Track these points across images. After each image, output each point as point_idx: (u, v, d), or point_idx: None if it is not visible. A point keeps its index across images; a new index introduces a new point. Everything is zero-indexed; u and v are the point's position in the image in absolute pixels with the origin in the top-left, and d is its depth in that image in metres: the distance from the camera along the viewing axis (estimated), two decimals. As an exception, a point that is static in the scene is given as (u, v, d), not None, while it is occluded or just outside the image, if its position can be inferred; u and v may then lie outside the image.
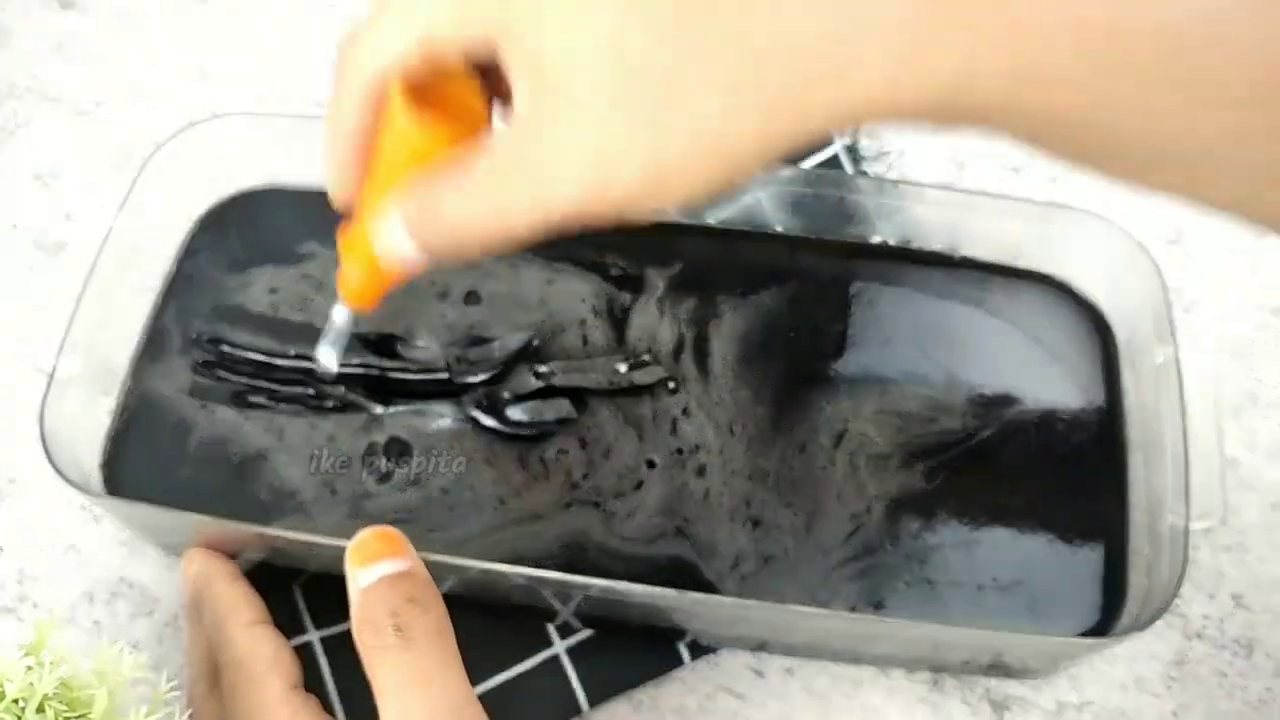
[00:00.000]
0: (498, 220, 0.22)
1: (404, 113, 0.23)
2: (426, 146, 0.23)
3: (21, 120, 0.46)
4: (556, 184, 0.21)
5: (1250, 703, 0.35)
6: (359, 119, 0.24)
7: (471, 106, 0.24)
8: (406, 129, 0.23)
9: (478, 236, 0.23)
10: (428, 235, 0.23)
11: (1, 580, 0.37)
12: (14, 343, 0.41)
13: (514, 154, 0.22)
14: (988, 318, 0.38)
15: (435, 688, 0.25)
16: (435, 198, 0.23)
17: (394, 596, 0.25)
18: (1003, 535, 0.34)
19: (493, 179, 0.22)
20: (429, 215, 0.23)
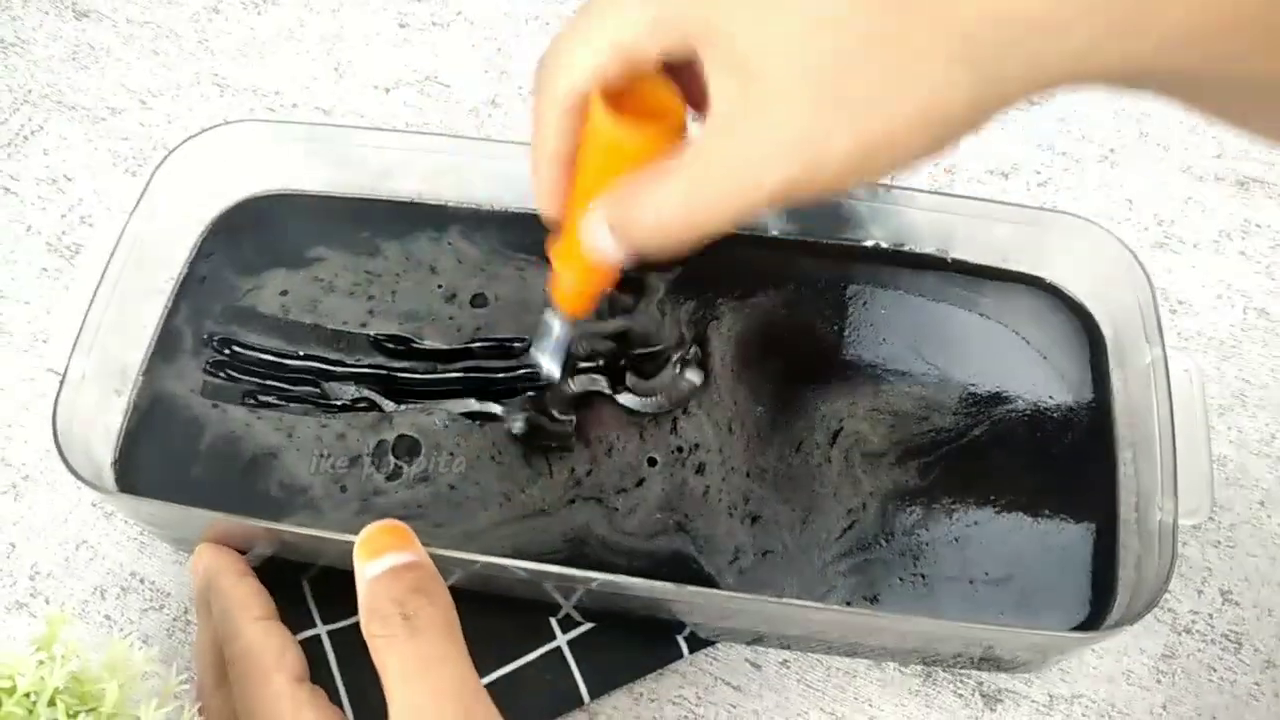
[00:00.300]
0: (704, 208, 0.23)
1: (607, 120, 0.23)
2: (633, 150, 0.24)
3: (36, 126, 0.47)
4: (764, 170, 0.21)
5: (1239, 697, 0.36)
6: (562, 138, 0.25)
7: (669, 107, 0.24)
8: (611, 135, 0.24)
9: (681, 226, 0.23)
10: (630, 228, 0.24)
11: (14, 576, 0.38)
12: (28, 343, 0.42)
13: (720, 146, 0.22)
14: (979, 319, 0.38)
15: (442, 676, 0.25)
16: (638, 196, 0.23)
17: (400, 587, 0.26)
18: (994, 531, 0.35)
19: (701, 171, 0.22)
20: (632, 213, 0.24)
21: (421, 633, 0.25)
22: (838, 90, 0.20)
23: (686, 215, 0.23)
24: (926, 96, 0.20)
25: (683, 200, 0.23)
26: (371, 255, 0.39)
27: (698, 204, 0.23)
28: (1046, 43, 0.19)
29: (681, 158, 0.23)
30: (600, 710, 0.35)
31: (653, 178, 0.23)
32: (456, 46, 0.49)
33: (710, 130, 0.22)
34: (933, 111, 0.20)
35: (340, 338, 0.37)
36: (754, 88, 0.21)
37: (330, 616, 0.36)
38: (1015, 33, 0.19)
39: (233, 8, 0.50)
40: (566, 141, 0.25)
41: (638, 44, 0.22)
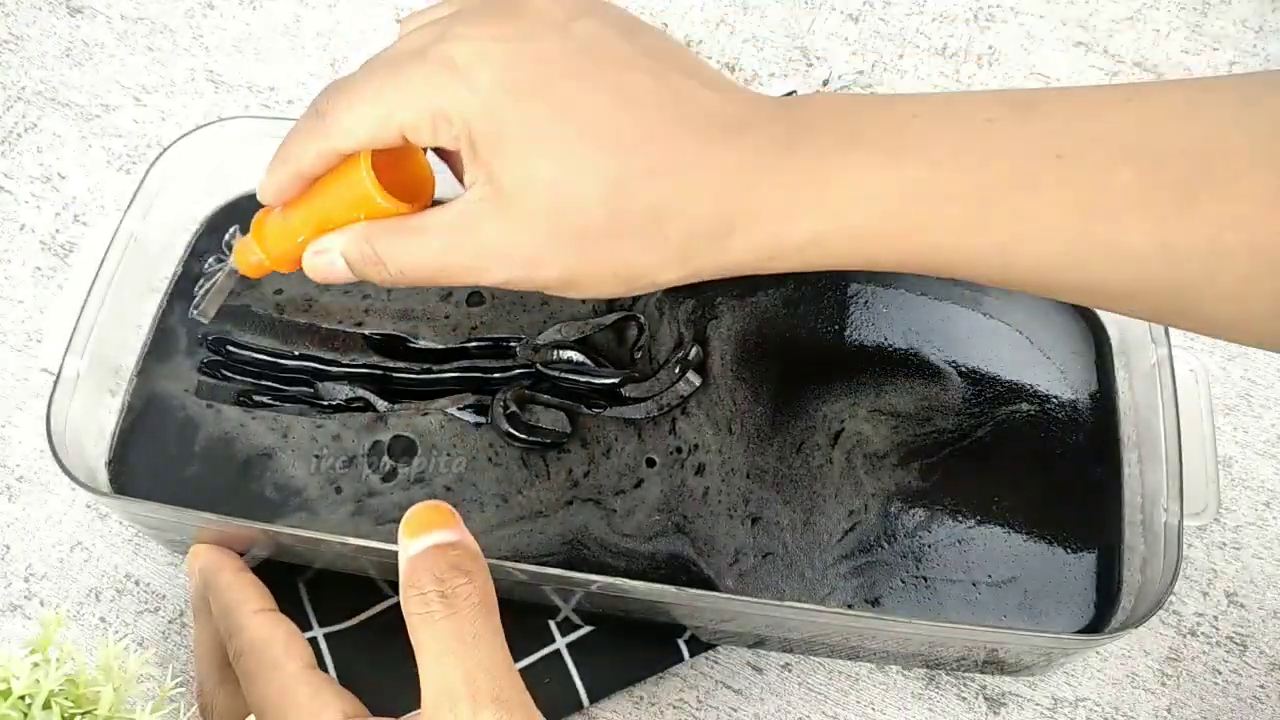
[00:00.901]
0: (436, 272, 0.27)
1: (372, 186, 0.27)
2: (384, 210, 0.27)
3: (30, 123, 0.46)
4: (489, 265, 0.27)
5: (1244, 699, 0.36)
6: (316, 170, 0.28)
7: (419, 172, 0.29)
8: (370, 196, 0.27)
9: (412, 277, 0.28)
10: (367, 268, 0.28)
11: (8, 578, 0.37)
12: (22, 342, 0.42)
13: (460, 232, 0.27)
14: (983, 318, 0.38)
15: (476, 655, 0.25)
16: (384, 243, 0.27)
17: (441, 563, 0.26)
18: (998, 533, 0.34)
19: (439, 245, 0.27)
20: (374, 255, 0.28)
21: (458, 611, 0.25)
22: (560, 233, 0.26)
23: (424, 274, 0.27)
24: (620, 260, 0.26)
25: (421, 262, 0.27)
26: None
27: (436, 269, 0.27)
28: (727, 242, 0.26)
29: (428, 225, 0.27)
30: (600, 714, 0.35)
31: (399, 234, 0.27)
32: (454, 42, 0.49)
33: (458, 213, 0.26)
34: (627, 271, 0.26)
35: (335, 336, 0.37)
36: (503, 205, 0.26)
37: (327, 619, 0.36)
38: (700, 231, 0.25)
39: (228, 3, 0.49)
40: (320, 172, 0.28)
41: (417, 134, 0.26)
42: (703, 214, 0.25)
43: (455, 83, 0.25)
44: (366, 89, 0.26)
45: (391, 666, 0.30)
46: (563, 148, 0.25)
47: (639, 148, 0.25)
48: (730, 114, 0.25)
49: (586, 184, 0.25)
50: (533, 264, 0.26)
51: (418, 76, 0.25)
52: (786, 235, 0.25)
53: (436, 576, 0.25)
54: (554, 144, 0.25)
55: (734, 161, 0.25)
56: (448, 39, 0.26)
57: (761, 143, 0.25)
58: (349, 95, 0.26)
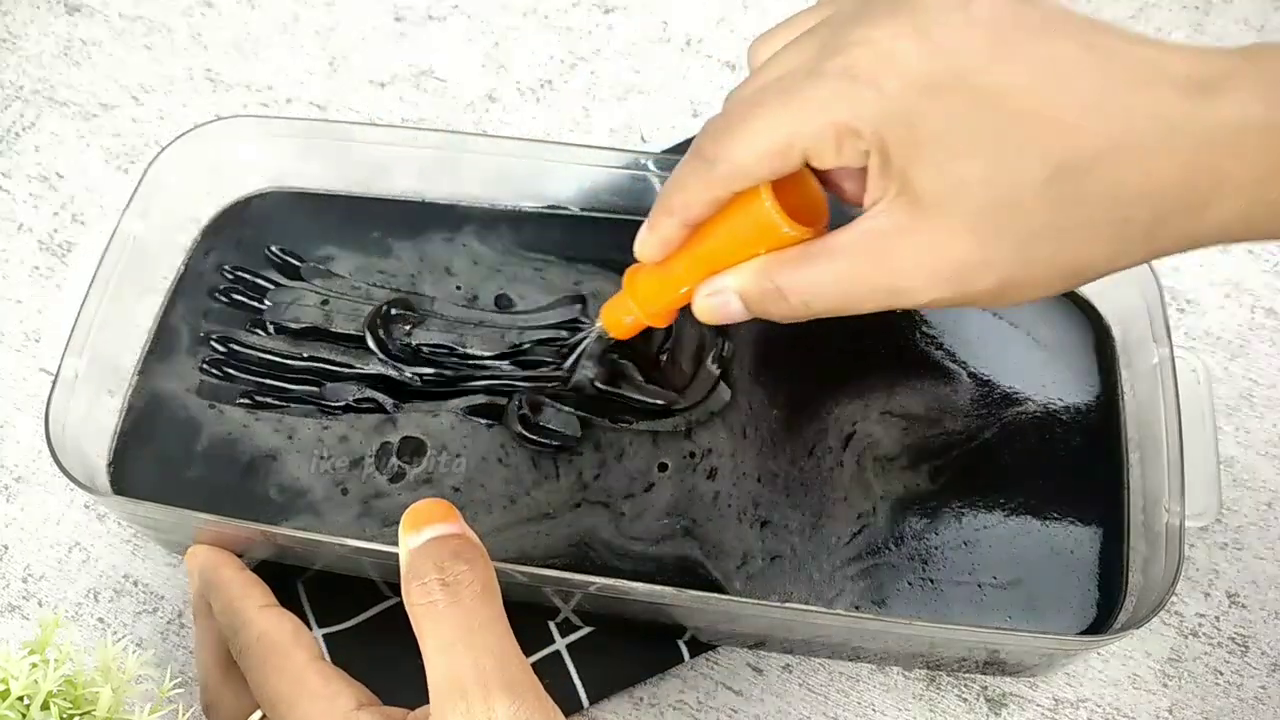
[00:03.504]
0: (845, 297, 0.26)
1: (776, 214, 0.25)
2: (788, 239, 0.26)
3: (28, 123, 0.46)
4: (911, 283, 0.24)
5: (1245, 700, 0.36)
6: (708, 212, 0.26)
7: (816, 195, 0.27)
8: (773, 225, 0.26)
9: (819, 307, 0.26)
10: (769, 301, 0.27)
11: (7, 578, 0.37)
12: (20, 342, 0.42)
13: (874, 250, 0.25)
14: (990, 319, 0.38)
15: (482, 643, 0.25)
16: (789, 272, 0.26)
17: (441, 552, 0.26)
18: (1002, 534, 0.34)
19: (850, 268, 0.25)
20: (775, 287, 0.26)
21: (461, 600, 0.25)
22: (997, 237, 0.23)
23: (835, 302, 0.26)
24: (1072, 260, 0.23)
25: (832, 285, 0.25)
26: (383, 256, 0.39)
27: (848, 296, 0.25)
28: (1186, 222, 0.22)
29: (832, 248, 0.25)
30: (600, 715, 0.35)
31: (805, 261, 0.26)
32: (453, 41, 0.49)
33: (868, 231, 0.25)
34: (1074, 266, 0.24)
35: (350, 340, 0.37)
36: (922, 216, 0.24)
37: (326, 620, 0.36)
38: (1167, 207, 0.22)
39: (226, 2, 0.49)
40: (710, 214, 0.26)
41: (821, 155, 0.24)
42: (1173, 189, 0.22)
43: (862, 92, 0.23)
44: (759, 121, 0.25)
45: (391, 666, 0.30)
46: (993, 140, 0.22)
47: (1084, 125, 0.22)
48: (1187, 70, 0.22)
49: (1025, 176, 0.22)
50: (963, 276, 0.24)
51: (818, 94, 0.24)
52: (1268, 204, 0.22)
53: (437, 566, 0.25)
54: (982, 137, 0.22)
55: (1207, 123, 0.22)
56: (840, 50, 0.24)
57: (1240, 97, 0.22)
58: (740, 132, 0.25)
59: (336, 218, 0.39)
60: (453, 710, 0.24)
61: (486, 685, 0.24)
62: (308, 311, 0.37)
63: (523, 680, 0.24)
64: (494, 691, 0.24)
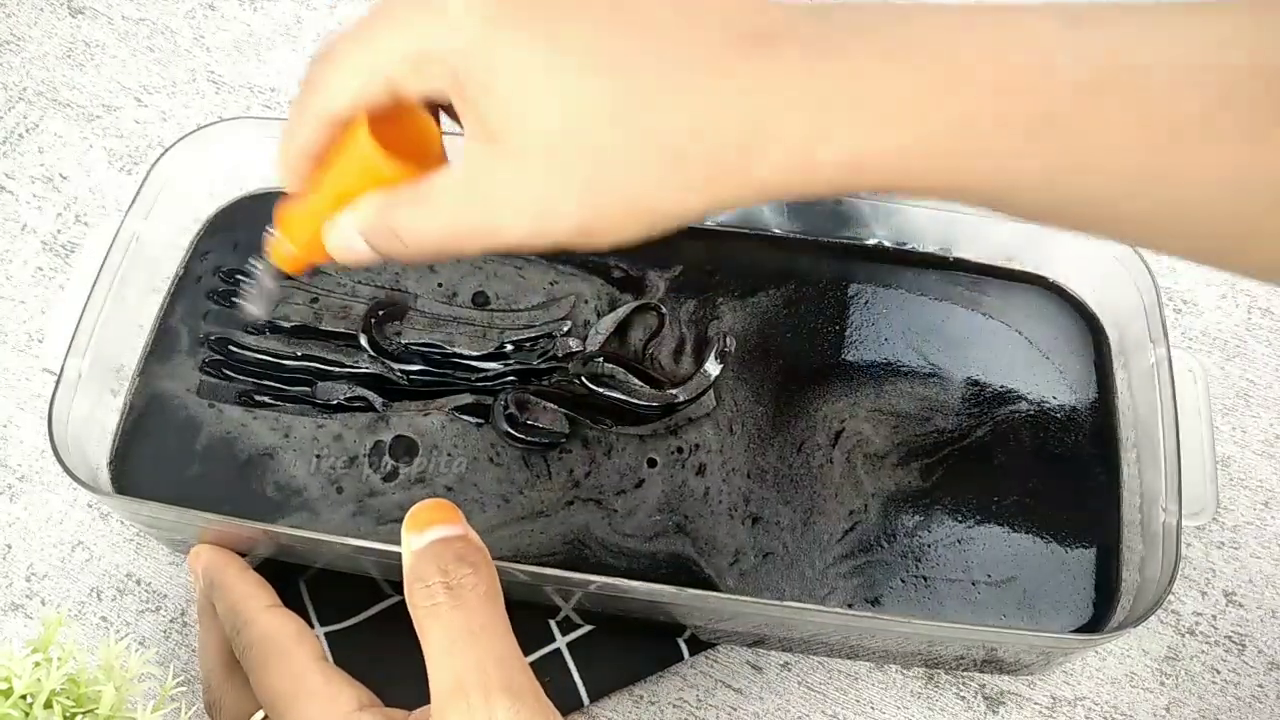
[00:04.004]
0: (448, 240, 0.25)
1: (371, 148, 0.25)
2: (388, 175, 0.26)
3: (31, 124, 0.46)
4: (502, 223, 0.24)
5: (1242, 699, 0.36)
6: (318, 141, 0.26)
7: (425, 133, 0.27)
8: (372, 160, 0.26)
9: (426, 248, 0.26)
10: (382, 241, 0.26)
11: (10, 577, 0.37)
12: (24, 343, 0.42)
13: (466, 191, 0.25)
14: (982, 318, 0.38)
15: (484, 645, 0.25)
16: (393, 213, 0.26)
17: (445, 555, 0.26)
18: (997, 532, 0.34)
19: (447, 208, 0.25)
20: (385, 226, 0.26)
21: (464, 603, 0.25)
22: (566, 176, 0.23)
23: (439, 241, 0.26)
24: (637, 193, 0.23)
25: (431, 229, 0.25)
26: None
27: (444, 235, 0.25)
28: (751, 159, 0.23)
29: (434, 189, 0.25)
30: (600, 713, 0.35)
31: (407, 201, 0.26)
32: (455, 43, 0.49)
33: (460, 172, 0.25)
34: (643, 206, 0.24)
35: (341, 338, 0.37)
36: (500, 149, 0.24)
37: (328, 618, 0.36)
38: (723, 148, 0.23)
39: (229, 4, 0.50)
40: (321, 144, 0.26)
41: (403, 81, 0.24)
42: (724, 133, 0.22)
43: (435, 22, 0.23)
44: (348, 46, 0.25)
45: (393, 665, 0.30)
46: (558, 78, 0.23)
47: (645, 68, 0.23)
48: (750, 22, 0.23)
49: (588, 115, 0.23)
50: (545, 214, 0.24)
51: (396, 23, 0.24)
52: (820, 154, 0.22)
53: (441, 569, 0.26)
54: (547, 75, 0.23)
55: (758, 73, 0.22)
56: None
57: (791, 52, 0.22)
58: (332, 56, 0.25)
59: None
60: (454, 711, 0.24)
61: (488, 687, 0.24)
62: (297, 309, 0.37)
63: (523, 683, 0.25)
64: (495, 694, 0.24)
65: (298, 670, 0.28)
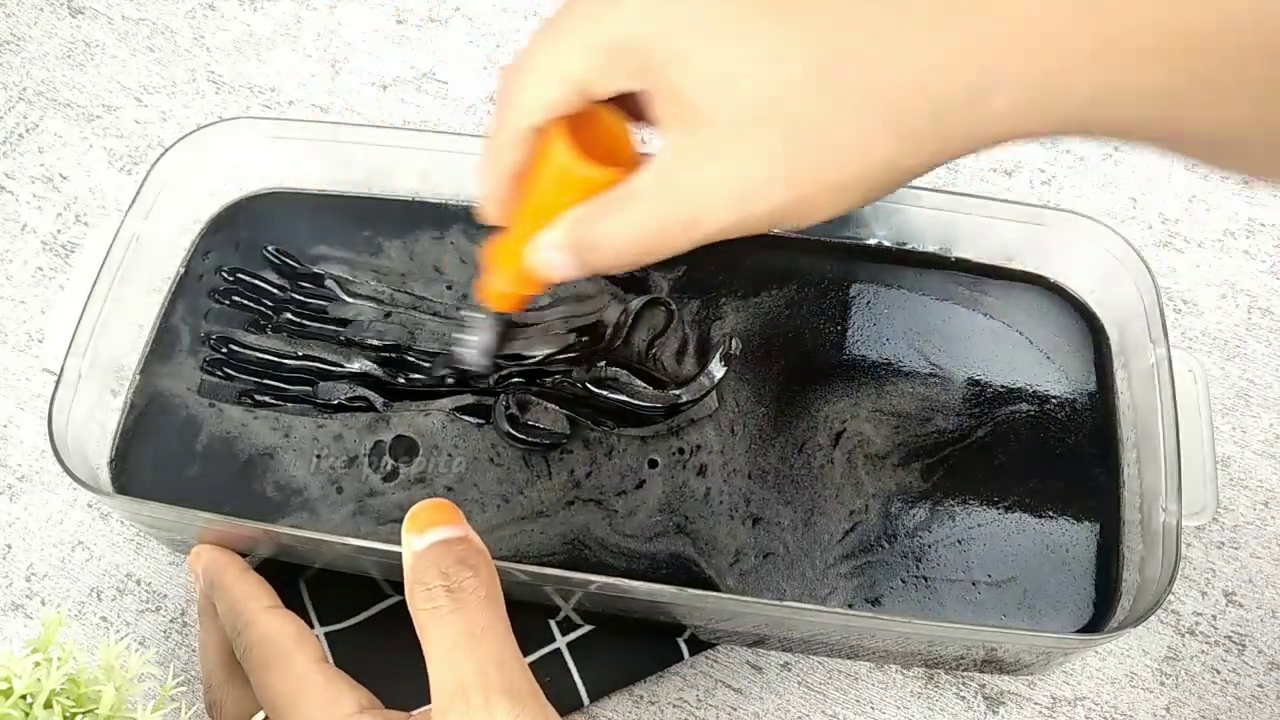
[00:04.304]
0: (654, 240, 0.25)
1: (569, 157, 0.25)
2: (587, 182, 0.25)
3: (31, 124, 0.46)
4: (708, 211, 0.24)
5: (1242, 699, 0.36)
6: (515, 157, 0.26)
7: (619, 137, 0.26)
8: (569, 167, 0.25)
9: (633, 253, 0.25)
10: (588, 254, 0.26)
11: (10, 577, 0.37)
12: (24, 343, 0.42)
13: (668, 185, 0.24)
14: (982, 318, 0.38)
15: (485, 649, 0.25)
16: (595, 223, 0.25)
17: (446, 558, 0.26)
18: (997, 532, 0.34)
19: (650, 207, 0.24)
20: (588, 238, 0.26)
21: (465, 605, 0.25)
22: (774, 148, 0.22)
23: (638, 246, 0.25)
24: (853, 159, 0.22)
25: (633, 232, 0.25)
26: (374, 254, 0.39)
27: (648, 236, 0.25)
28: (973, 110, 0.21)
29: (633, 191, 0.25)
30: (600, 713, 0.35)
31: (605, 208, 0.25)
32: (454, 43, 0.49)
33: (660, 168, 0.24)
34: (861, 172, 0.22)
35: (343, 338, 0.37)
36: (697, 135, 0.23)
37: (328, 618, 0.36)
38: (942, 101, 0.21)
39: (229, 4, 0.50)
40: (521, 161, 0.26)
41: (593, 81, 0.24)
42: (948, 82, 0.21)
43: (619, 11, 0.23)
44: (532, 55, 0.25)
45: (393, 665, 0.30)
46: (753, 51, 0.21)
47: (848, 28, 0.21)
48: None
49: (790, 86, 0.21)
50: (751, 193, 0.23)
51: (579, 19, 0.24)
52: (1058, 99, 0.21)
53: (442, 571, 0.26)
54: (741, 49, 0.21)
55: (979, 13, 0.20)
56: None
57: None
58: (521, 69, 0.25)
59: (331, 218, 0.40)
60: (454, 714, 0.24)
61: (488, 690, 0.24)
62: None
63: (524, 686, 0.25)
64: (495, 696, 0.24)
65: (298, 672, 0.28)
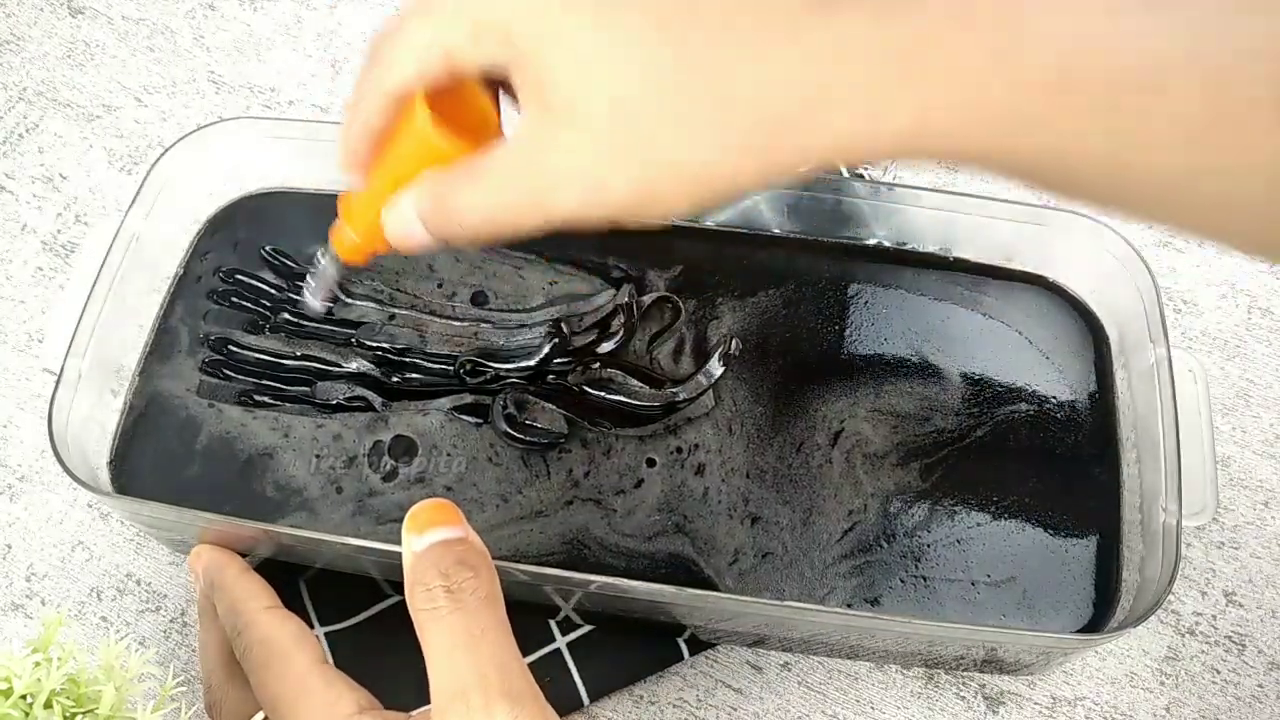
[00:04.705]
0: (503, 216, 0.25)
1: (427, 123, 0.25)
2: (444, 151, 0.26)
3: (31, 124, 0.46)
4: (555, 195, 0.24)
5: (1242, 699, 0.36)
6: (379, 118, 0.26)
7: (483, 111, 0.27)
8: (428, 136, 0.25)
9: (483, 227, 0.25)
10: (438, 222, 0.26)
11: (10, 577, 0.37)
12: (24, 343, 0.42)
13: (519, 164, 0.24)
14: (982, 318, 0.38)
15: (485, 650, 0.25)
16: (448, 192, 0.25)
17: (446, 558, 0.26)
18: (997, 532, 0.34)
19: (500, 183, 0.25)
20: (441, 206, 0.26)
21: (465, 606, 0.25)
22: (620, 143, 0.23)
23: (488, 219, 0.25)
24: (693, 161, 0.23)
25: (485, 205, 0.25)
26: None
27: (499, 211, 0.25)
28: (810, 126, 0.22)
29: (486, 164, 0.25)
30: (600, 713, 0.35)
31: (459, 178, 0.25)
32: (455, 43, 0.49)
33: (514, 146, 0.24)
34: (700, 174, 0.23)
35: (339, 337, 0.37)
36: (552, 119, 0.23)
37: (328, 618, 0.36)
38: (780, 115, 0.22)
39: (229, 4, 0.50)
40: (383, 123, 0.26)
41: (461, 52, 0.24)
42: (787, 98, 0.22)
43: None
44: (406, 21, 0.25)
45: (393, 665, 0.30)
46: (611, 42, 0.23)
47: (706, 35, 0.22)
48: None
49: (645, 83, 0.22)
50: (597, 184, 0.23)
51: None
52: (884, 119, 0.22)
53: (442, 572, 0.26)
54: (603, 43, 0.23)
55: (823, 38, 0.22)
56: None
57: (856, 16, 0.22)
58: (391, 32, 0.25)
59: (330, 218, 0.39)
60: (454, 715, 0.24)
61: (487, 691, 0.24)
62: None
63: (523, 687, 0.25)
64: (495, 698, 0.24)
65: (298, 673, 0.28)
